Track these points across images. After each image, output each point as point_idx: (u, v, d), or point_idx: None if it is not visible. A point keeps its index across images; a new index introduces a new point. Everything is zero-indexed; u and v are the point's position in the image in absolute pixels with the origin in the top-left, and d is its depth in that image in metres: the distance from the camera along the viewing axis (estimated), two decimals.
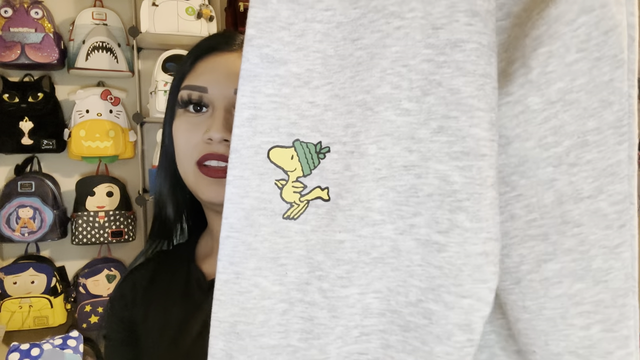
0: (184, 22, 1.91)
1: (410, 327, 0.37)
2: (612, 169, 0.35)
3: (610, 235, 0.36)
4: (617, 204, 0.36)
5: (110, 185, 2.00)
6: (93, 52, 1.94)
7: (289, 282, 0.37)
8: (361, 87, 0.35)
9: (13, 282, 1.88)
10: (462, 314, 0.35)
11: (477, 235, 0.34)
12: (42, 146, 1.92)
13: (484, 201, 0.34)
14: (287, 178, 0.36)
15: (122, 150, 1.98)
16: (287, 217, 0.37)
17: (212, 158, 0.59)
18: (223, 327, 0.38)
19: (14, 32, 1.84)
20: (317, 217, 0.36)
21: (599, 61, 0.35)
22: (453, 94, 0.34)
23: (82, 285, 1.94)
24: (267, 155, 0.36)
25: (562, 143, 0.36)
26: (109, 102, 2.00)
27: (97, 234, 1.94)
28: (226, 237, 0.37)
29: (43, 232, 1.88)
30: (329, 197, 0.36)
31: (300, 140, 0.36)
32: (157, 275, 0.71)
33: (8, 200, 1.86)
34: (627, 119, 0.35)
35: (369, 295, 0.37)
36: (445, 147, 0.34)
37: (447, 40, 0.34)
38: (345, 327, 0.37)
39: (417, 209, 0.35)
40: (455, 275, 0.35)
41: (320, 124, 0.36)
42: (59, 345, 1.73)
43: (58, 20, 2.03)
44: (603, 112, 0.35)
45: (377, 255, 0.36)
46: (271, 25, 0.36)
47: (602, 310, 0.36)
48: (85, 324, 1.91)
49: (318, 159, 0.36)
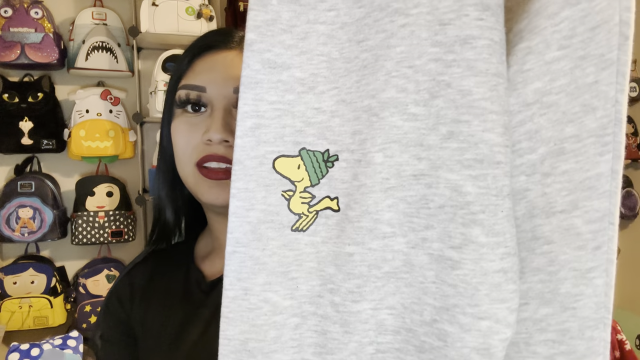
0: (184, 22, 1.91)
1: (425, 348, 0.34)
2: (590, 183, 0.32)
3: (583, 257, 0.32)
4: (594, 222, 0.32)
5: (110, 185, 2.00)
6: (93, 52, 1.94)
7: (300, 296, 0.35)
8: (367, 91, 0.33)
9: (13, 282, 1.88)
10: (479, 337, 0.32)
11: (494, 251, 0.31)
12: (42, 146, 1.92)
13: (500, 213, 0.31)
14: (295, 189, 0.35)
15: (122, 150, 1.98)
16: (296, 229, 0.35)
17: (211, 159, 0.59)
18: (233, 345, 0.36)
19: (13, 32, 1.84)
20: (327, 228, 0.35)
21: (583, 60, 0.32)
22: (464, 96, 0.31)
23: (82, 286, 1.94)
24: (273, 165, 0.34)
25: (537, 150, 0.33)
26: (109, 102, 2.00)
27: (97, 234, 1.94)
28: (232, 252, 0.36)
29: (43, 232, 1.88)
30: (338, 208, 0.34)
31: (307, 148, 0.34)
32: (156, 275, 0.70)
33: (8, 200, 1.86)
34: (612, 127, 0.32)
35: (382, 312, 0.35)
36: (456, 155, 0.31)
37: (456, 37, 0.31)
38: (359, 344, 0.35)
39: (429, 221, 0.32)
40: (472, 294, 0.31)
41: (328, 131, 0.34)
42: (58, 345, 1.73)
43: (58, 20, 2.03)
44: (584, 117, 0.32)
45: (389, 269, 0.34)
46: (272, 28, 0.34)
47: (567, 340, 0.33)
48: (85, 324, 1.91)
49: (326, 167, 0.34)
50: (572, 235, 0.32)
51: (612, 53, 0.32)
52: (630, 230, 2.98)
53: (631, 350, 1.77)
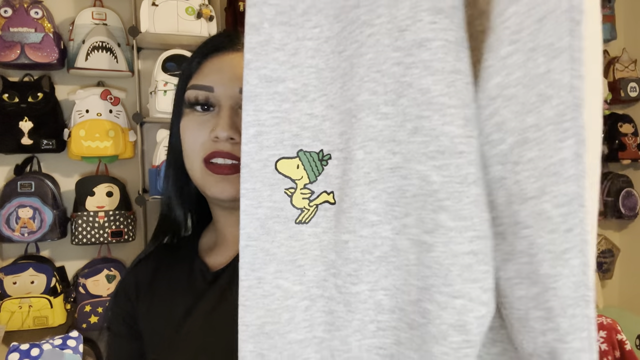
0: (184, 22, 1.91)
1: (414, 325, 0.37)
2: (555, 169, 0.33)
3: (557, 239, 0.34)
4: (562, 206, 0.33)
5: (110, 185, 2.00)
6: (93, 52, 1.94)
7: (308, 281, 0.39)
8: (347, 96, 0.37)
9: (13, 282, 1.88)
10: (455, 315, 0.35)
11: (462, 235, 0.34)
12: (41, 146, 1.92)
13: (466, 199, 0.34)
14: (295, 186, 0.39)
15: (122, 150, 1.98)
16: (300, 221, 0.39)
17: (218, 156, 0.62)
18: (251, 330, 0.40)
19: (13, 32, 1.84)
20: (327, 219, 0.39)
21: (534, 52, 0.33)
22: (423, 94, 0.34)
23: (82, 286, 1.94)
24: (275, 167, 0.39)
25: (506, 140, 0.35)
26: (109, 102, 2.00)
27: (97, 234, 1.94)
28: (245, 246, 0.39)
29: (43, 232, 1.88)
30: (334, 201, 0.39)
31: (304, 150, 0.38)
32: (161, 268, 0.72)
33: (8, 200, 1.86)
34: (570, 113, 0.33)
35: (379, 292, 0.38)
36: (422, 148, 0.34)
37: (412, 40, 0.34)
38: (361, 322, 0.39)
39: (407, 209, 0.36)
40: (445, 275, 0.34)
41: (320, 133, 0.38)
42: (58, 345, 1.73)
43: (58, 20, 2.03)
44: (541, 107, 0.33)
45: (380, 254, 0.37)
46: (266, 48, 0.38)
47: (553, 318, 0.35)
48: (85, 324, 1.91)
49: (322, 165, 0.39)
50: (544, 219, 0.34)
51: (563, 41, 0.33)
52: (630, 230, 2.98)
53: (631, 350, 1.77)
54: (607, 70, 2.84)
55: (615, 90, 2.73)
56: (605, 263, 2.86)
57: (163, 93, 1.88)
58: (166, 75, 1.90)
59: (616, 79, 2.77)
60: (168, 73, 1.91)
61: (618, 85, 2.73)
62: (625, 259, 2.97)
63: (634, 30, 2.88)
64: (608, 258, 2.87)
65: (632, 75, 2.79)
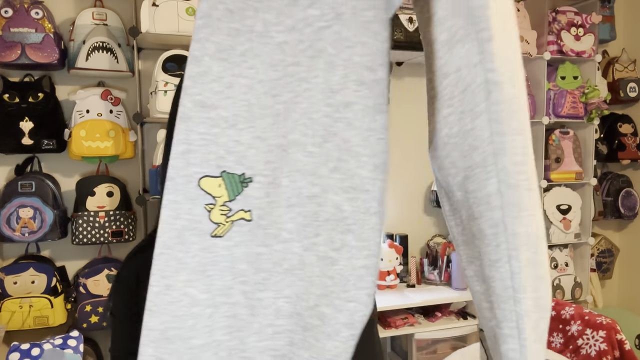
0: (184, 23, 1.92)
1: (308, 327, 0.45)
2: (486, 199, 0.44)
3: (491, 251, 0.45)
4: (493, 227, 0.44)
5: (111, 185, 2.01)
6: (93, 52, 1.94)
7: (215, 289, 0.43)
8: (279, 132, 0.44)
9: (13, 282, 1.88)
10: (348, 315, 0.44)
11: (361, 252, 0.44)
12: (42, 146, 1.92)
13: (367, 225, 0.43)
14: (215, 203, 0.43)
15: (122, 150, 1.98)
16: (215, 235, 0.43)
17: None
18: (153, 335, 0.43)
19: (14, 32, 1.84)
20: (240, 234, 0.44)
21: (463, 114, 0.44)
22: (345, 143, 0.43)
23: (83, 285, 1.94)
24: (198, 183, 0.43)
25: (459, 174, 0.46)
26: (109, 102, 2.01)
27: (98, 233, 1.95)
28: (160, 253, 0.43)
29: (43, 232, 1.88)
30: (251, 218, 0.44)
31: (227, 171, 0.43)
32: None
33: (8, 200, 1.86)
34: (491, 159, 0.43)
35: (280, 300, 0.45)
36: (339, 183, 0.43)
37: (341, 101, 0.43)
38: (260, 325, 0.45)
39: (318, 230, 0.44)
40: (344, 284, 0.43)
41: (244, 159, 0.43)
42: (59, 345, 1.73)
43: (58, 20, 2.03)
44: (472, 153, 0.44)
45: (288, 266, 0.44)
46: (204, 78, 0.43)
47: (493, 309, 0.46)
48: (85, 324, 1.91)
49: (242, 187, 0.43)
50: (483, 235, 0.45)
51: (480, 106, 0.43)
52: (629, 230, 2.98)
53: (631, 350, 1.77)
54: (606, 70, 2.84)
55: (615, 90, 2.73)
56: (605, 263, 2.87)
57: (163, 93, 1.88)
58: (167, 76, 1.90)
59: (615, 79, 2.78)
60: (168, 73, 1.91)
61: (617, 86, 2.74)
62: (624, 259, 2.98)
63: (633, 31, 2.88)
64: (607, 258, 2.88)
65: (631, 75, 2.79)
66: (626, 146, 2.75)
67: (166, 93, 1.88)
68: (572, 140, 2.54)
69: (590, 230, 2.59)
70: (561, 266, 2.56)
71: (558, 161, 2.50)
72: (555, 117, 2.48)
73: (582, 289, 2.57)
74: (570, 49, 2.46)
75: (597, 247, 2.83)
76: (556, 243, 2.53)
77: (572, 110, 2.47)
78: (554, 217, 2.51)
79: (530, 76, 2.47)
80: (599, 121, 2.62)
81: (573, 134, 2.55)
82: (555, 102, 2.49)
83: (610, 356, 1.75)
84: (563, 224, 2.52)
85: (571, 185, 2.57)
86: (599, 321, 1.80)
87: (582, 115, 2.51)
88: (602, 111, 2.52)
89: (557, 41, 2.46)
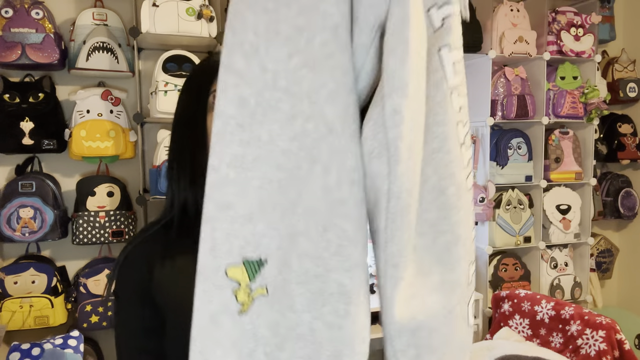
0: (185, 23, 1.92)
1: None
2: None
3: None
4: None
5: (111, 185, 2.01)
6: (94, 53, 1.95)
7: (244, 355, 0.52)
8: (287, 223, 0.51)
9: (14, 282, 1.88)
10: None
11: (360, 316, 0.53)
12: (42, 146, 1.92)
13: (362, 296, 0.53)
14: (240, 286, 0.51)
15: (122, 150, 1.98)
16: (241, 312, 0.51)
17: None
18: None
19: (14, 32, 1.84)
20: (260, 306, 0.51)
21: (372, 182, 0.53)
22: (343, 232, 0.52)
23: (83, 285, 1.94)
24: (225, 272, 0.51)
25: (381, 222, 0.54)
26: (110, 102, 2.01)
27: (98, 233, 1.95)
28: (197, 334, 0.51)
29: (44, 232, 1.88)
30: (267, 292, 0.51)
31: (247, 259, 0.51)
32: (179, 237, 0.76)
33: (9, 200, 1.86)
34: (389, 221, 0.52)
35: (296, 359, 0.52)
36: (339, 264, 0.51)
37: (337, 198, 0.51)
38: None
39: (324, 302, 0.51)
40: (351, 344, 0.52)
41: (260, 246, 0.51)
42: (59, 345, 1.73)
43: (59, 20, 2.03)
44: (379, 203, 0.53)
45: (300, 332, 0.52)
46: (223, 181, 0.51)
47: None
48: (85, 324, 1.92)
49: (259, 268, 0.51)
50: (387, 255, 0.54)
51: (384, 184, 0.51)
52: (629, 230, 2.99)
53: (630, 350, 1.77)
54: (606, 70, 2.85)
55: (614, 90, 2.74)
56: (605, 263, 2.87)
57: (164, 93, 1.88)
58: (167, 76, 1.91)
59: (615, 79, 2.78)
60: (169, 73, 1.91)
61: (617, 86, 2.74)
62: (624, 259, 2.98)
63: (632, 31, 2.89)
64: (607, 258, 2.88)
65: (631, 75, 2.80)
66: (626, 146, 2.76)
67: (166, 93, 1.88)
68: (572, 140, 2.55)
69: (590, 230, 2.59)
70: (561, 266, 2.56)
71: (558, 161, 2.50)
72: (555, 117, 2.49)
73: (582, 288, 2.57)
74: (569, 49, 2.46)
75: (596, 247, 2.83)
76: (556, 243, 2.54)
77: (572, 111, 2.48)
78: (553, 217, 2.51)
79: (530, 76, 2.48)
80: (598, 121, 2.63)
81: (573, 134, 2.55)
82: (555, 102, 2.49)
83: (610, 356, 1.75)
84: (563, 224, 2.52)
85: (571, 185, 2.57)
86: (598, 321, 1.80)
87: (582, 115, 2.51)
88: (601, 111, 2.52)
89: (556, 41, 2.46)
